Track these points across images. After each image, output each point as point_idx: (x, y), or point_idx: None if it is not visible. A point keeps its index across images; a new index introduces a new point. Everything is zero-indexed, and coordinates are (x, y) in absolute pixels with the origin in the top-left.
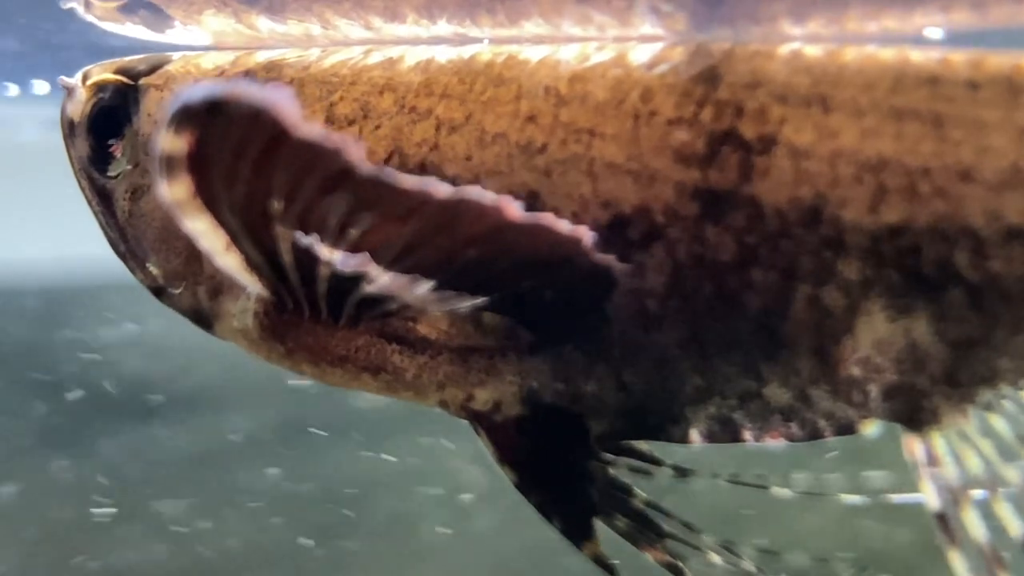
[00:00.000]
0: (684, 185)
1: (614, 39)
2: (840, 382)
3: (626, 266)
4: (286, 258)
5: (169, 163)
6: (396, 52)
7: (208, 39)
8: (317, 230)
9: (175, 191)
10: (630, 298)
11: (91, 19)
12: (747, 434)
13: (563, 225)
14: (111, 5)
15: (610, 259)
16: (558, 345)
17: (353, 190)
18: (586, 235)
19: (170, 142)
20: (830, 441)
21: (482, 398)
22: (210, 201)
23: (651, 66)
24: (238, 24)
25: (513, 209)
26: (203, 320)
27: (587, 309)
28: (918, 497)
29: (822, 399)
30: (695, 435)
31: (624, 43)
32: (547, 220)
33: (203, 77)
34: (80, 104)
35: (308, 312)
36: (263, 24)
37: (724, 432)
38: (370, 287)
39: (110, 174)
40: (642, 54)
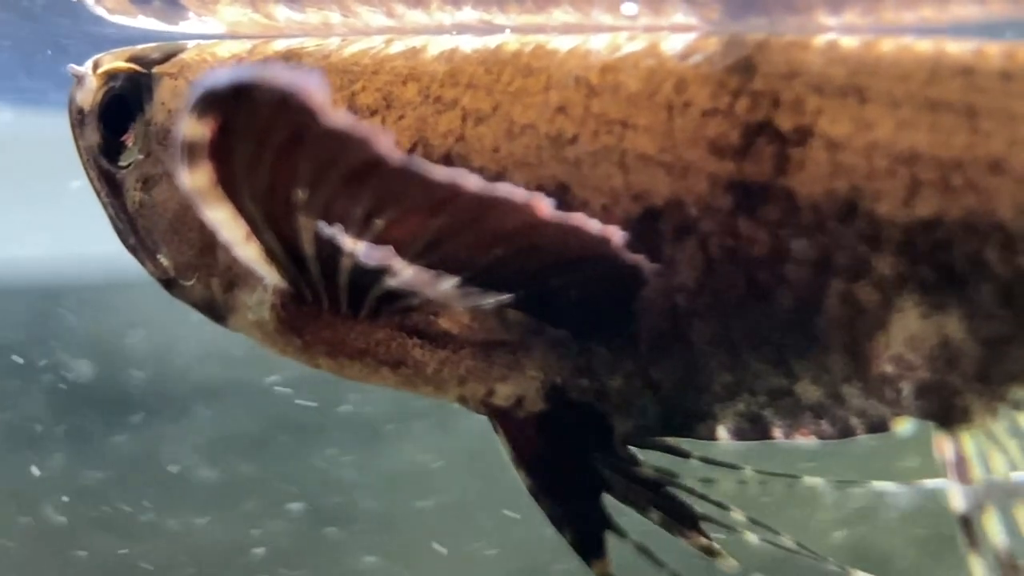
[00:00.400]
0: (718, 177)
1: (644, 28)
2: (872, 379)
3: (656, 265)
4: (308, 249)
5: (191, 150)
6: (418, 41)
7: (222, 29)
8: (341, 221)
9: (196, 179)
10: (660, 293)
11: (101, 12)
12: (777, 432)
13: (593, 224)
14: None
15: (640, 258)
16: (584, 341)
17: (380, 180)
18: (616, 235)
19: (193, 128)
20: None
21: (504, 393)
22: (231, 189)
23: (685, 56)
24: (255, 13)
25: (544, 207)
26: (216, 313)
27: (615, 306)
28: (941, 483)
29: (854, 396)
30: (723, 432)
31: (655, 33)
32: (578, 220)
33: (219, 66)
34: (91, 92)
35: (327, 305)
36: (280, 13)
37: (753, 430)
38: (393, 281)
39: (121, 164)
40: (675, 44)
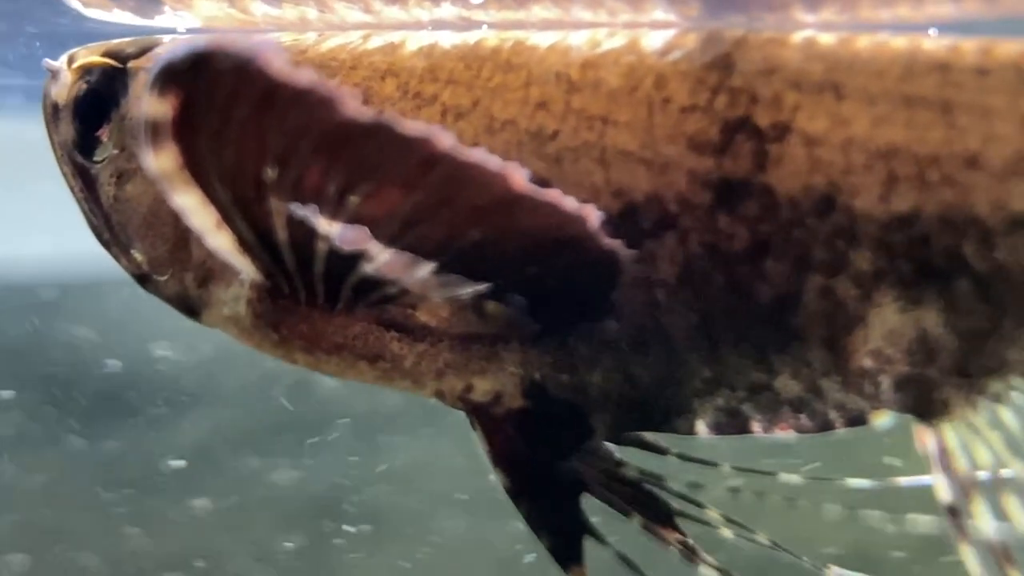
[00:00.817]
0: (697, 173)
1: (624, 24)
2: (852, 373)
3: (632, 251)
4: (281, 234)
5: (154, 130)
6: (396, 37)
7: (198, 24)
8: (314, 199)
9: (161, 161)
10: (640, 288)
11: (76, 5)
12: (756, 426)
13: (569, 202)
14: None
15: (616, 243)
16: (563, 335)
17: (352, 143)
18: (592, 214)
19: (154, 106)
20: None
21: (482, 388)
22: (199, 172)
23: (664, 53)
24: (231, 8)
25: (518, 176)
26: (190, 308)
27: (593, 297)
28: (926, 480)
29: (833, 390)
30: (702, 427)
31: (635, 29)
32: (553, 195)
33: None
34: (65, 87)
35: (304, 297)
36: (257, 8)
37: (732, 424)
38: (369, 266)
39: (95, 159)
40: (655, 40)
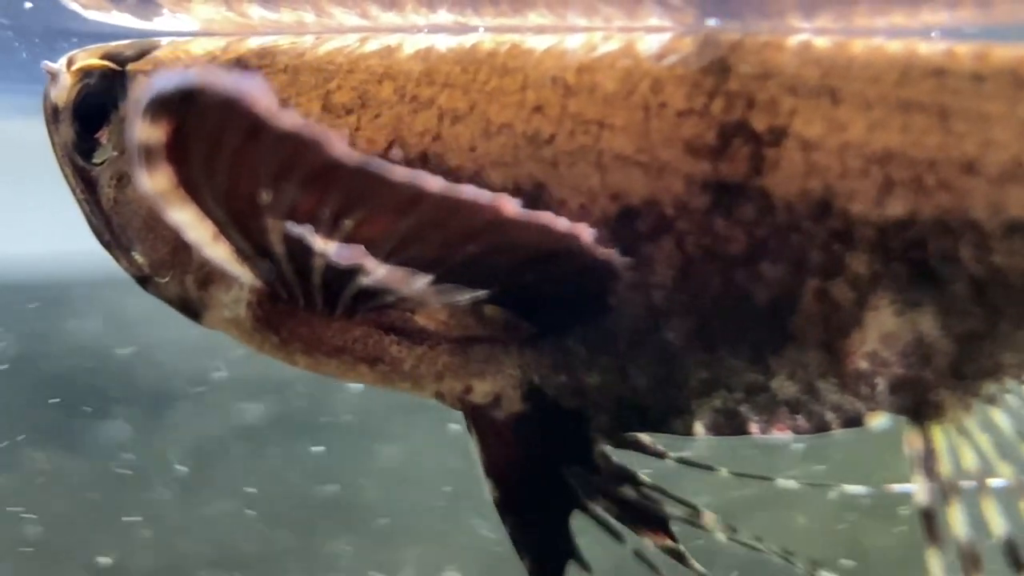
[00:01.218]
0: (694, 177)
1: (619, 30)
2: (848, 375)
3: (627, 260)
4: (277, 249)
5: (148, 153)
6: (393, 40)
7: (196, 27)
8: (308, 221)
9: (156, 182)
10: (637, 291)
11: (75, 7)
12: (753, 426)
13: (561, 223)
14: None
15: (611, 253)
16: (561, 337)
17: (341, 182)
18: (585, 232)
19: (147, 132)
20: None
21: (481, 390)
22: (193, 191)
23: (660, 57)
24: (228, 11)
25: (510, 206)
26: (191, 310)
27: (590, 302)
28: (909, 488)
29: (830, 392)
30: (699, 428)
31: (631, 33)
32: (545, 218)
33: (193, 63)
34: (65, 90)
35: (303, 303)
36: (254, 12)
37: (729, 424)
38: (366, 280)
39: (95, 161)
40: (651, 44)
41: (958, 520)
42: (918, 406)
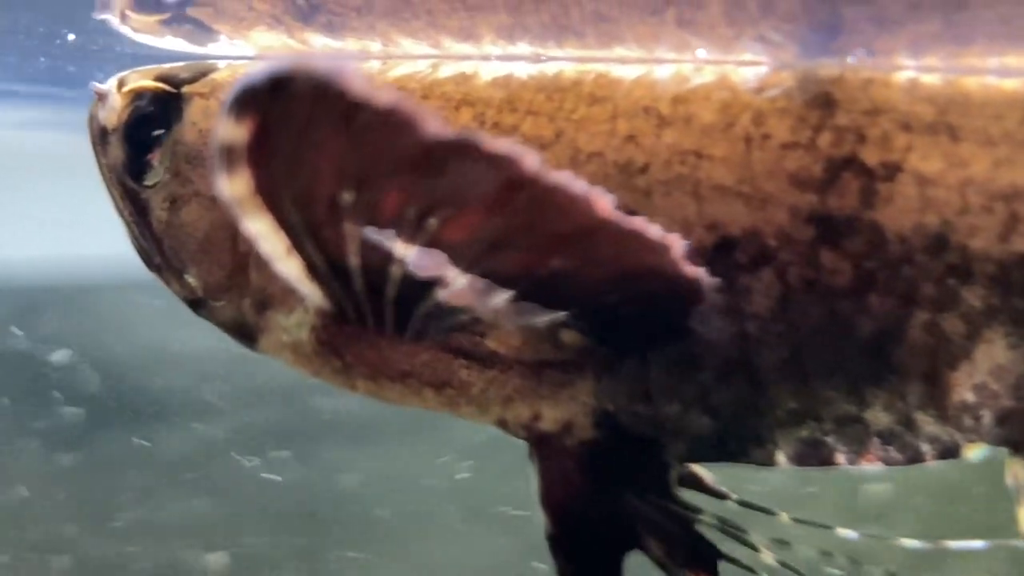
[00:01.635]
0: (799, 209)
1: (707, 63)
2: (951, 407)
3: (717, 280)
4: (353, 260)
5: (229, 154)
6: (467, 67)
7: (253, 54)
8: (391, 222)
9: (235, 186)
10: (730, 320)
11: (126, 31)
12: (840, 457)
13: (654, 231)
14: (152, 19)
15: (700, 272)
16: (643, 365)
17: (434, 163)
18: (677, 244)
19: (230, 130)
20: None
21: (551, 417)
22: (271, 197)
23: (759, 90)
24: (289, 39)
25: (604, 202)
26: (245, 333)
27: (674, 328)
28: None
29: (928, 424)
30: (781, 458)
31: (720, 65)
32: (638, 224)
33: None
34: (115, 111)
35: (372, 324)
36: (317, 40)
37: (815, 455)
38: (443, 293)
39: (146, 183)
40: (747, 77)
41: None
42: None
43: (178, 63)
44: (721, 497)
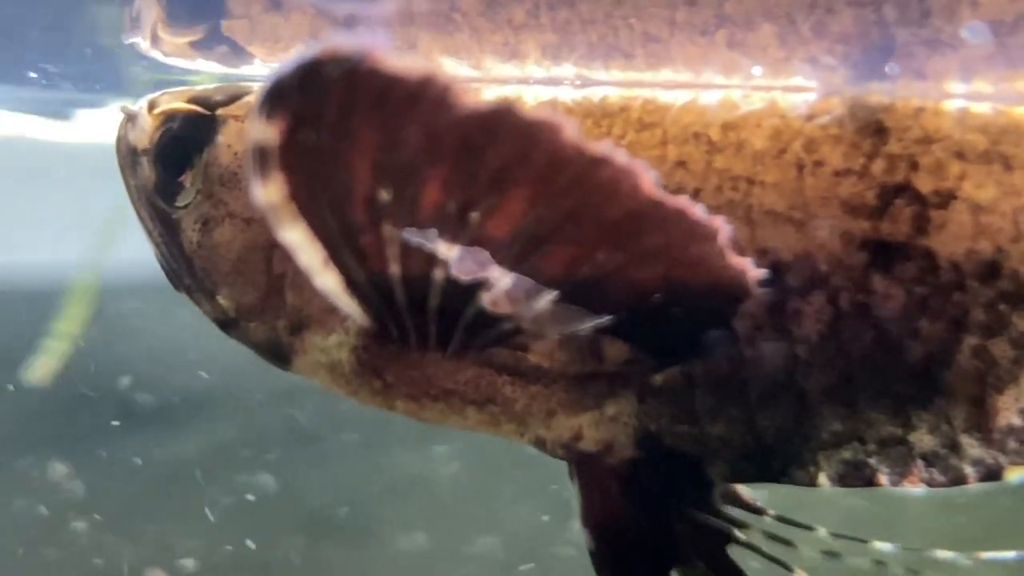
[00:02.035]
0: (852, 235)
1: (754, 87)
2: (995, 430)
3: (762, 271)
4: (394, 269)
5: (262, 157)
6: (509, 91)
7: None
8: (431, 218)
9: (270, 192)
10: (780, 342)
11: (156, 54)
12: (883, 478)
13: (698, 211)
14: (183, 41)
15: (746, 263)
16: (688, 385)
17: (471, 140)
18: (724, 228)
19: (262, 131)
20: None
21: (593, 437)
22: (307, 203)
23: (810, 117)
24: None
25: (647, 176)
26: (279, 354)
27: (719, 329)
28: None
29: (972, 447)
30: (823, 479)
31: (768, 92)
32: (683, 203)
33: None
34: (146, 132)
35: (415, 340)
36: None
37: (858, 476)
38: (487, 296)
39: (178, 204)
40: (796, 104)
41: None
42: None
43: (211, 85)
44: (759, 513)
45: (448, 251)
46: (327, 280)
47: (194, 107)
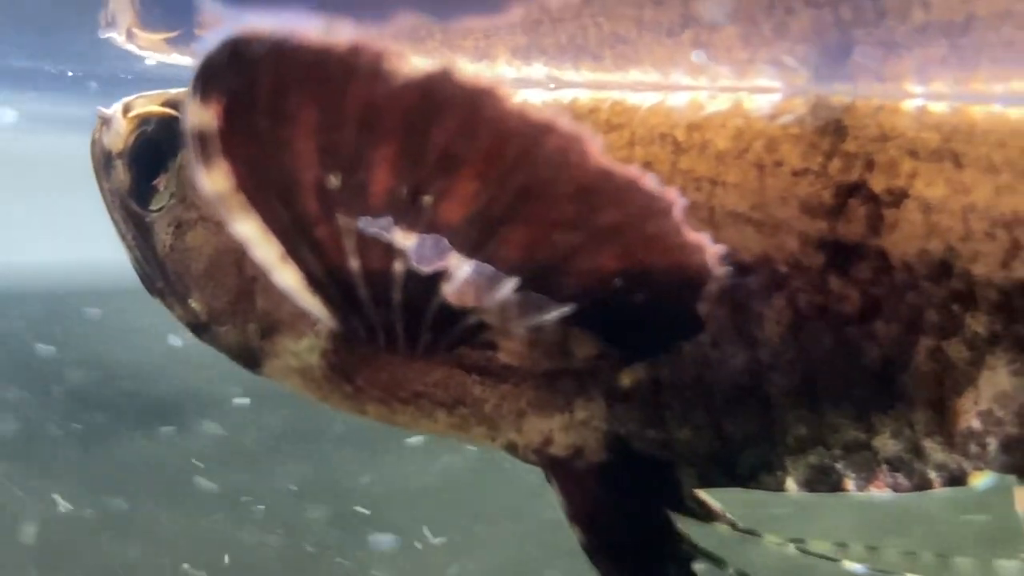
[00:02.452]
0: (809, 236)
1: (721, 89)
2: (957, 434)
3: (720, 248)
4: (353, 263)
5: (202, 143)
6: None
7: None
8: (385, 206)
9: (214, 180)
10: (742, 346)
11: (132, 48)
12: (849, 483)
13: (649, 180)
14: (158, 37)
15: (703, 239)
16: (655, 389)
17: (412, 115)
18: (678, 200)
19: (198, 114)
20: None
21: (562, 443)
22: (256, 192)
23: (773, 117)
24: None
25: (595, 145)
26: (250, 358)
27: (684, 317)
28: None
29: (935, 451)
30: (791, 484)
31: (735, 93)
32: (634, 173)
33: None
34: (120, 136)
35: (383, 339)
36: None
37: (824, 481)
38: (448, 288)
39: (152, 208)
40: (761, 104)
41: None
42: None
43: (184, 89)
44: (738, 529)
45: (405, 240)
46: (286, 276)
47: (169, 110)
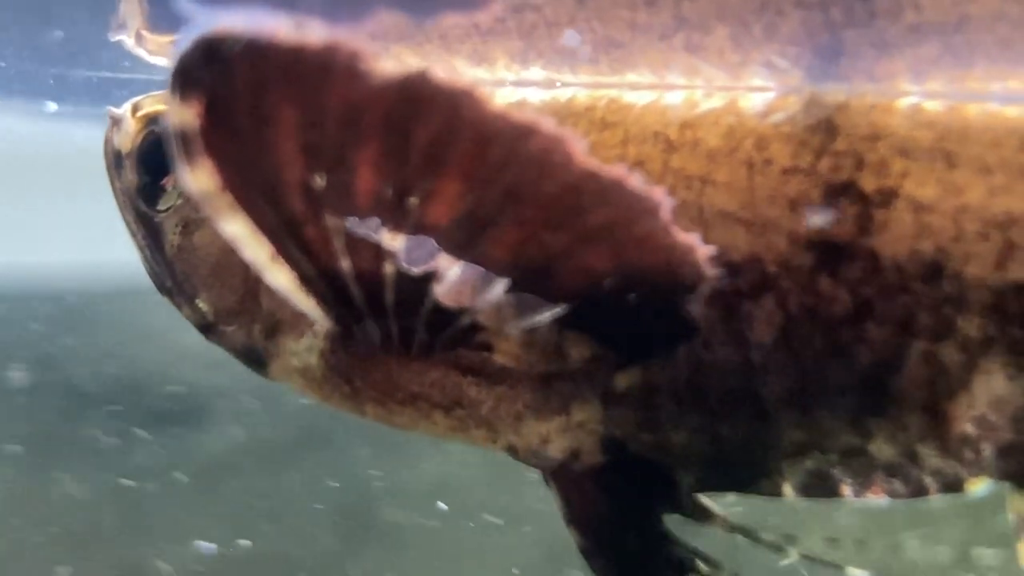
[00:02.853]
0: (798, 235)
1: (718, 89)
2: (952, 440)
3: (710, 249)
4: (344, 264)
5: (185, 142)
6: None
7: None
8: (371, 207)
9: (198, 178)
10: (734, 348)
11: (141, 53)
12: (846, 489)
13: (635, 181)
14: (166, 39)
15: (693, 239)
16: (650, 392)
17: (392, 117)
18: (664, 200)
19: (178, 113)
20: None
21: (559, 445)
22: (243, 193)
23: (765, 115)
24: None
25: (578, 146)
26: (255, 359)
27: (676, 317)
28: None
29: (930, 456)
30: (788, 489)
31: (731, 91)
32: (618, 171)
33: None
34: (129, 136)
35: (379, 339)
36: None
37: (821, 487)
38: (440, 289)
39: (160, 207)
40: (754, 102)
41: None
42: None
43: None
44: (748, 536)
45: (394, 241)
46: (277, 276)
47: None
